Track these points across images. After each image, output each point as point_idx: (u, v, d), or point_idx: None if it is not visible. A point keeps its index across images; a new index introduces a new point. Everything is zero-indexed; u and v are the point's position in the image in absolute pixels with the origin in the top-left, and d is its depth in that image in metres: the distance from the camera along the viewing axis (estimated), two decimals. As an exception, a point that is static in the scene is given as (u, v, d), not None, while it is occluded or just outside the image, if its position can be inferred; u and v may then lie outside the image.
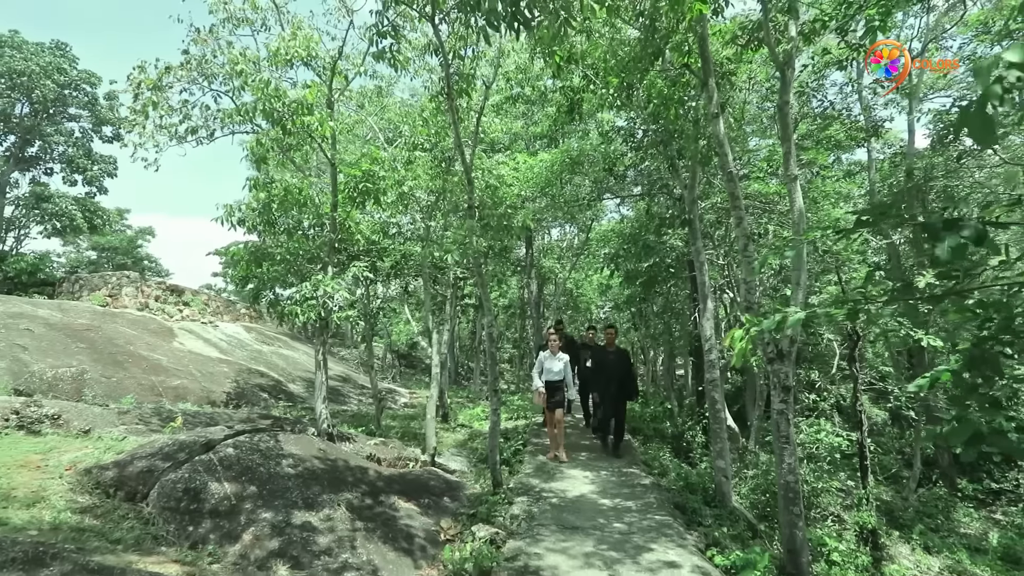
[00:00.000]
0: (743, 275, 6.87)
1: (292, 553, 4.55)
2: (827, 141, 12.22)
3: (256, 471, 5.43)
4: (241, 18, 7.61)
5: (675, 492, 7.36)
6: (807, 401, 10.56)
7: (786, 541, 5.29)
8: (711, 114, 5.91)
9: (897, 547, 9.20)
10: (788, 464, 5.37)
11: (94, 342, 10.93)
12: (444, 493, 6.93)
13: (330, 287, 6.84)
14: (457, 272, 10.35)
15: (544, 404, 8.32)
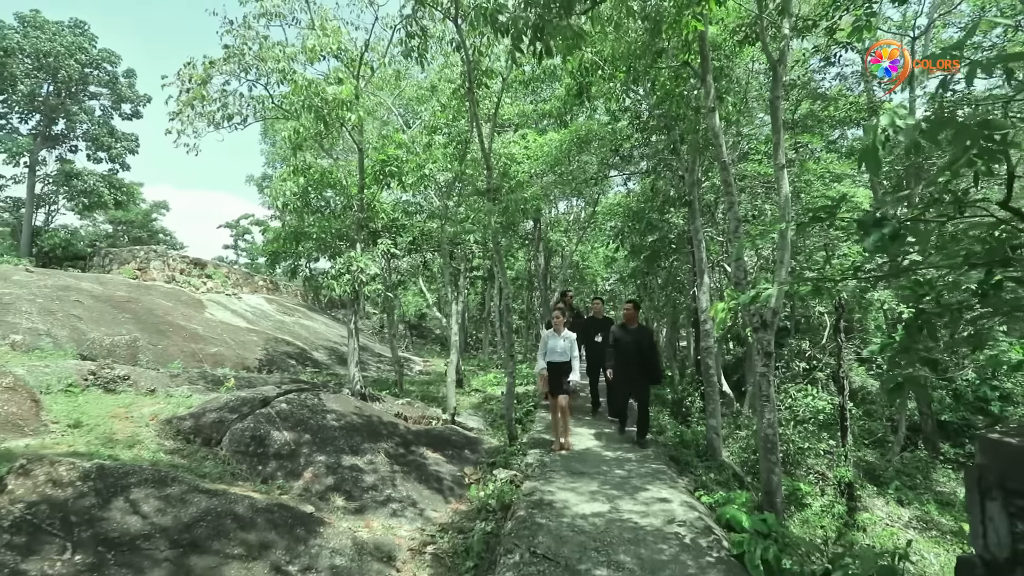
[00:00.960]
0: (733, 255, 7.57)
1: (345, 488, 5.45)
2: (829, 120, 12.73)
3: (307, 423, 6.31)
4: (274, 12, 8.21)
5: (671, 447, 8.23)
6: (798, 369, 11.36)
7: (764, 484, 6.15)
8: (707, 108, 6.54)
9: (873, 500, 10.11)
10: (768, 419, 6.18)
11: (137, 313, 11.81)
12: (465, 446, 7.84)
13: (362, 263, 7.62)
14: (473, 248, 11.07)
15: (546, 388, 7.35)
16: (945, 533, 9.65)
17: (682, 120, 8.68)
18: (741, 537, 4.53)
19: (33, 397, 5.81)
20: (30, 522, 3.23)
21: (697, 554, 4.22)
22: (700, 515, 5.11)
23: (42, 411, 5.70)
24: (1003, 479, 3.47)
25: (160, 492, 3.99)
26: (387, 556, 4.40)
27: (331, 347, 16.20)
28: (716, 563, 4.08)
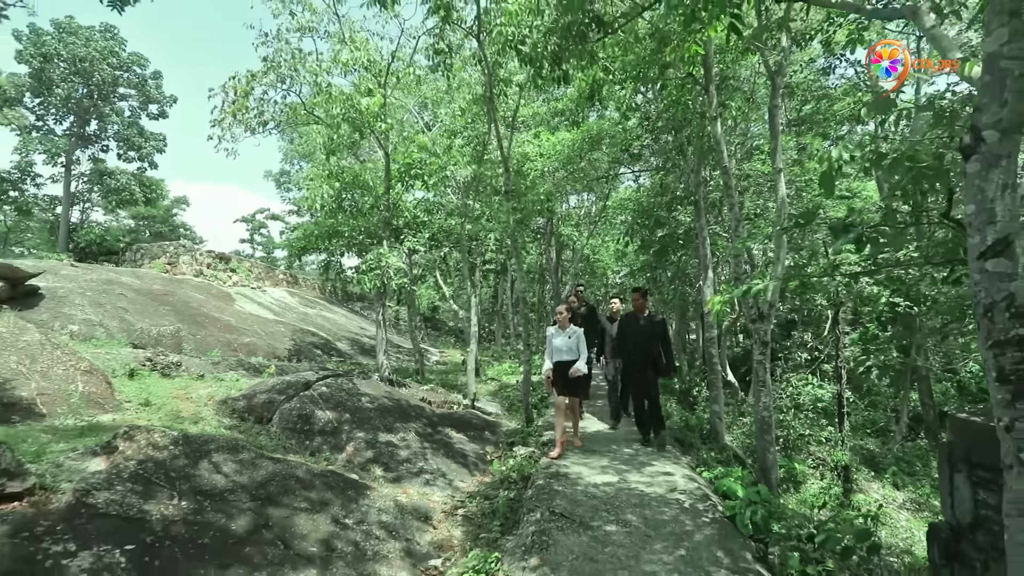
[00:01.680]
0: (732, 252, 8.13)
1: (383, 461, 6.13)
2: (834, 117, 13.18)
3: (346, 404, 7.01)
4: (307, 26, 8.85)
5: (676, 430, 8.84)
6: (800, 359, 11.90)
7: (760, 461, 6.76)
8: (710, 116, 7.10)
9: (869, 484, 10.67)
10: (764, 403, 6.78)
11: (175, 305, 12.60)
12: (485, 428, 8.51)
13: (390, 259, 8.28)
14: (491, 245, 11.71)
15: (550, 389, 6.78)
16: (937, 514, 10.21)
17: (688, 123, 9.23)
18: (734, 503, 5.16)
19: (107, 380, 6.56)
20: (142, 475, 3.93)
21: (694, 515, 4.85)
22: (699, 486, 5.74)
23: (115, 392, 6.44)
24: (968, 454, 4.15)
25: (235, 457, 4.69)
26: (424, 516, 5.08)
27: (352, 338, 16.94)
28: (711, 523, 4.71)
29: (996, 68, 2.29)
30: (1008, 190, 2.27)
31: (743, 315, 10.78)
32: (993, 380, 2.29)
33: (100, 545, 3.20)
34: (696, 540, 4.34)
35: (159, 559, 3.29)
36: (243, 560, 3.58)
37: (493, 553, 4.16)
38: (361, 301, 32.26)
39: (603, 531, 4.44)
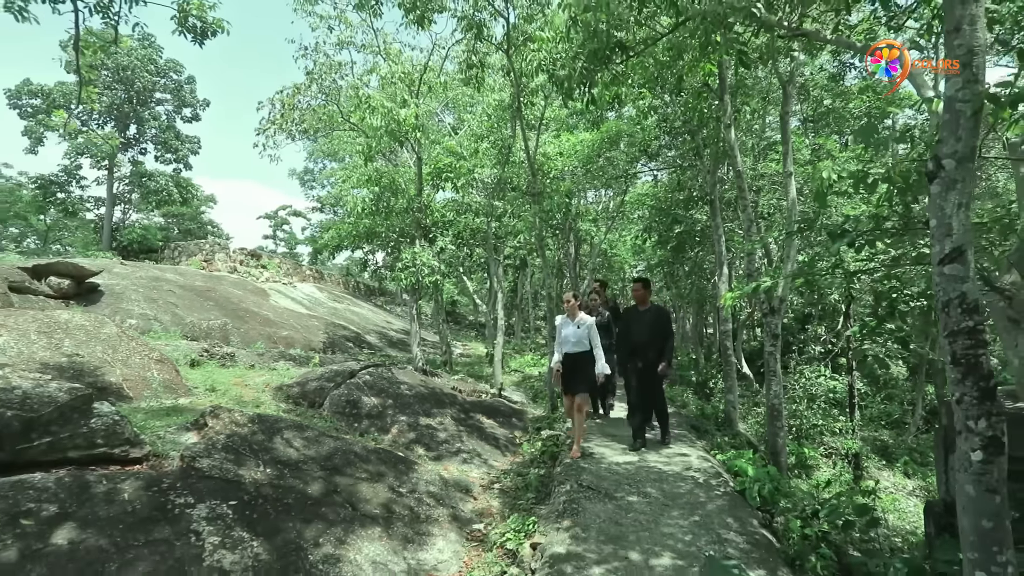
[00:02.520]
0: (745, 250, 8.60)
1: (424, 441, 6.78)
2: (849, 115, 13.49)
3: (387, 391, 7.67)
4: (345, 41, 9.49)
5: (692, 418, 9.37)
6: (814, 352, 12.31)
7: (770, 445, 7.28)
8: (725, 124, 7.58)
9: (880, 472, 11.08)
10: (774, 391, 7.28)
11: (218, 300, 13.42)
12: (512, 415, 9.13)
13: (424, 257, 8.91)
14: (515, 242, 12.29)
15: (558, 385, 6.42)
16: (946, 500, 10.60)
17: (705, 125, 9.68)
18: (744, 479, 5.70)
19: (175, 368, 7.30)
20: (231, 447, 4.61)
21: (708, 489, 5.41)
22: (713, 465, 6.29)
23: (182, 379, 7.18)
24: (963, 436, 4.64)
25: (301, 434, 5.37)
26: (465, 488, 5.72)
27: (380, 331, 17.69)
28: (722, 496, 5.26)
29: (953, 109, 2.80)
30: (962, 208, 2.79)
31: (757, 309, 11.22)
32: (948, 363, 2.82)
33: (211, 499, 3.87)
34: (709, 509, 4.90)
35: (255, 513, 3.96)
36: (320, 517, 4.23)
37: (530, 517, 4.77)
38: (382, 296, 33.12)
39: (626, 501, 5.02)
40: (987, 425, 2.64)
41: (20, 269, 9.84)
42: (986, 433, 2.63)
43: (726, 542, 4.27)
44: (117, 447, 4.11)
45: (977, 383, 2.68)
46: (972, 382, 2.70)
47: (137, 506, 3.59)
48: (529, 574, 4.02)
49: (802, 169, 11.14)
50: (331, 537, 4.06)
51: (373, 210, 9.06)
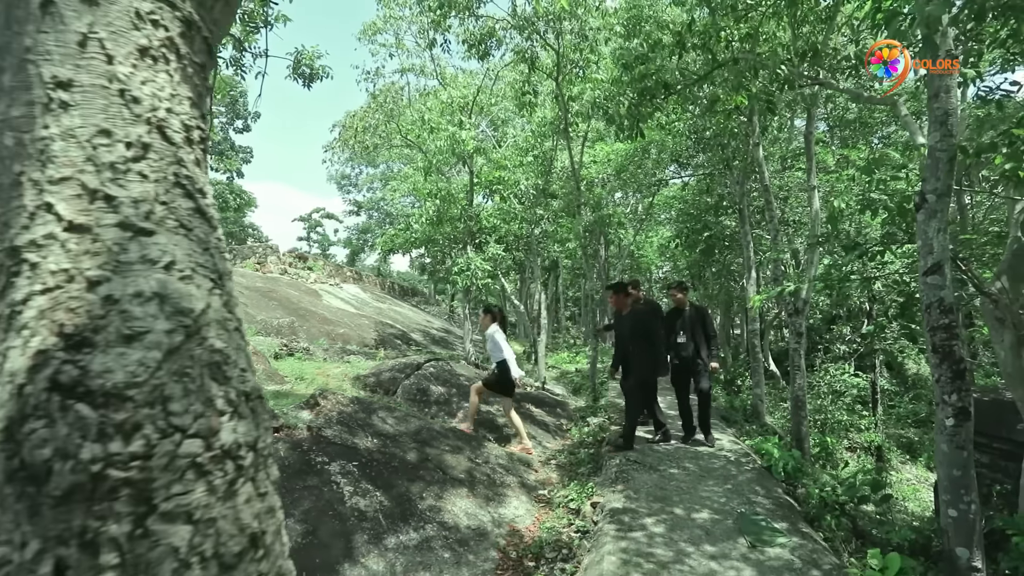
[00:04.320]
0: (771, 257, 9.36)
1: (485, 425, 7.75)
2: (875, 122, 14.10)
3: (449, 381, 8.68)
4: (405, 68, 10.55)
5: (722, 410, 10.16)
6: (839, 351, 12.93)
7: (794, 432, 8.05)
8: (753, 142, 8.38)
9: (903, 465, 11.67)
10: (798, 384, 8.05)
11: (279, 300, 14.66)
12: (556, 406, 10.05)
13: (477, 262, 9.90)
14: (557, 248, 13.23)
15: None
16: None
17: (735, 137, 10.46)
18: (771, 458, 6.52)
19: (266, 360, 8.42)
20: (343, 422, 5.64)
21: (738, 465, 6.26)
22: (742, 447, 7.12)
23: (275, 370, 8.29)
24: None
25: (392, 414, 6.39)
26: (526, 464, 6.66)
27: (423, 330, 18.79)
28: (751, 470, 6.11)
29: (934, 155, 3.63)
30: (941, 232, 3.62)
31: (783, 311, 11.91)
32: (930, 351, 3.65)
33: (339, 460, 4.90)
34: (739, 480, 5.76)
35: (373, 472, 4.97)
36: (420, 478, 5.23)
37: (588, 484, 5.70)
38: (415, 296, 34.36)
39: (668, 472, 5.91)
40: (958, 398, 3.48)
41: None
42: (957, 404, 3.47)
43: (754, 503, 5.13)
44: (261, 418, 5.17)
45: (951, 366, 3.52)
46: (947, 366, 3.54)
47: (291, 461, 4.63)
48: (592, 524, 4.95)
49: (826, 177, 11.80)
50: (431, 493, 5.05)
51: (435, 220, 10.10)
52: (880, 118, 14.11)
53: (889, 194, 4.99)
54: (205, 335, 0.85)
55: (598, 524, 4.85)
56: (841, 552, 4.61)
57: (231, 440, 0.84)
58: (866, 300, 10.88)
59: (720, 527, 4.58)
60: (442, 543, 4.46)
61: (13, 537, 0.67)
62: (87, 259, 0.83)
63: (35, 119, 0.89)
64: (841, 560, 4.30)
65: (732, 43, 5.67)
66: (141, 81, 0.97)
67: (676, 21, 7.97)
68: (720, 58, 5.64)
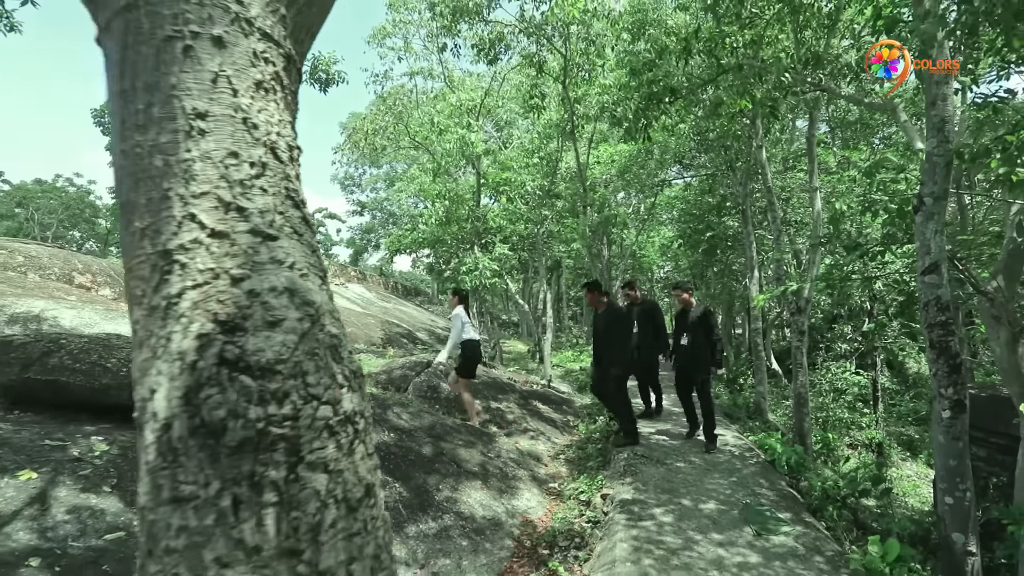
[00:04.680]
0: (774, 257, 9.53)
1: (495, 420, 7.94)
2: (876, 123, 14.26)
3: (459, 379, 8.84)
4: (414, 71, 10.72)
5: (726, 408, 10.33)
6: (840, 350, 13.11)
7: (796, 428, 8.23)
8: (756, 145, 8.55)
9: (903, 462, 11.84)
10: (800, 381, 8.23)
11: (288, 299, 14.83)
12: (562, 403, 10.23)
13: (485, 262, 10.08)
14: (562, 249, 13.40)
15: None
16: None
17: (738, 139, 10.63)
18: (774, 452, 6.70)
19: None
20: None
21: (742, 460, 6.43)
22: (746, 442, 7.30)
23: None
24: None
25: (406, 410, 6.57)
26: (536, 457, 6.85)
27: (428, 329, 18.98)
28: (755, 464, 6.28)
29: (932, 160, 3.81)
30: (938, 234, 3.79)
31: (785, 310, 12.09)
32: (928, 346, 3.83)
33: (359, 452, 5.07)
34: (744, 473, 5.94)
35: (391, 464, 5.15)
36: (436, 471, 5.41)
37: (597, 477, 5.88)
38: (418, 296, 34.55)
39: (675, 466, 6.09)
40: (954, 391, 3.65)
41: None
42: (953, 397, 3.65)
43: (759, 495, 5.31)
44: (283, 413, 5.35)
45: (948, 361, 3.70)
46: (944, 361, 3.72)
47: (313, 453, 4.82)
48: (602, 515, 5.13)
49: (827, 178, 11.96)
50: (447, 485, 5.24)
51: (444, 220, 10.29)
52: (881, 119, 14.28)
53: (889, 195, 5.18)
54: (323, 322, 1.04)
55: (609, 514, 5.03)
56: (843, 541, 4.79)
57: (350, 408, 1.02)
58: (867, 299, 11.06)
59: (726, 517, 4.76)
60: (459, 532, 4.64)
61: (198, 478, 0.86)
62: (228, 260, 1.01)
63: (179, 144, 1.07)
64: (843, 548, 4.48)
65: (737, 49, 5.85)
66: (258, 110, 1.15)
67: (681, 26, 8.16)
68: (725, 64, 5.81)
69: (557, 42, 8.14)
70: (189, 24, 1.11)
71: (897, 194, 4.47)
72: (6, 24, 4.97)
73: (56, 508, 3.19)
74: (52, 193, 28.52)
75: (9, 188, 29.38)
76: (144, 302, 1.04)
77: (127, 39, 1.11)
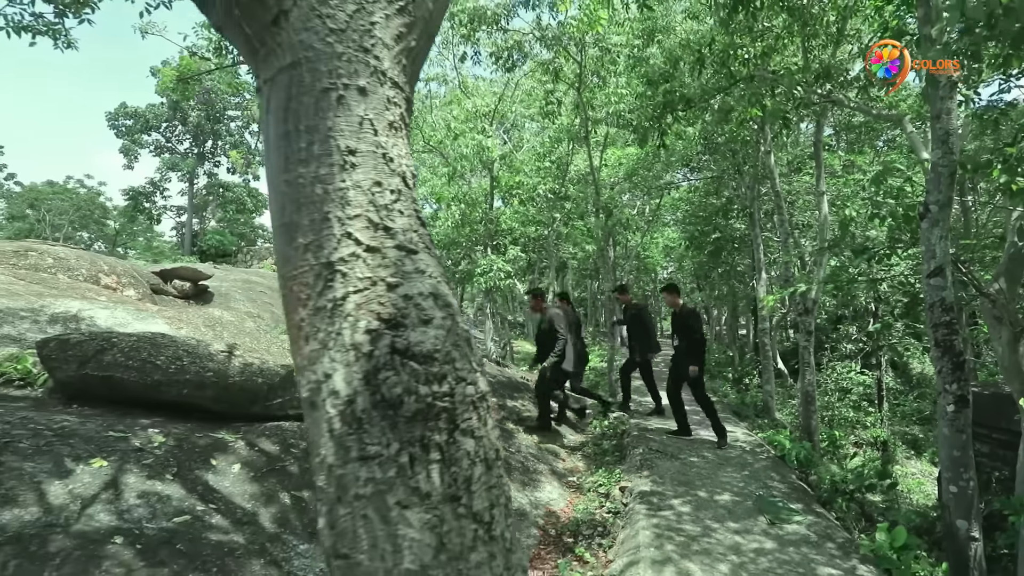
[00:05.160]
0: (782, 260, 9.78)
1: (512, 418, 8.19)
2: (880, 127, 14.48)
3: (475, 377, 9.11)
4: (430, 77, 10.98)
5: (734, 406, 10.57)
6: (846, 350, 13.35)
7: (803, 425, 8.47)
8: (765, 150, 8.79)
9: (908, 460, 12.08)
10: (808, 380, 8.47)
11: (301, 300, 15.10)
12: (576, 401, 10.47)
13: (499, 264, 10.34)
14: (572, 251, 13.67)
15: None
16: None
17: (746, 145, 10.88)
18: (784, 448, 6.94)
19: (303, 356, 8.86)
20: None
21: (753, 455, 6.68)
22: (756, 439, 7.54)
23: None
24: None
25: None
26: (554, 453, 7.10)
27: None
28: (766, 459, 6.53)
29: (936, 170, 4.05)
30: (943, 239, 4.04)
31: (791, 310, 12.34)
32: (933, 345, 4.07)
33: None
34: (756, 467, 6.18)
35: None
36: (461, 464, 5.67)
37: (615, 471, 6.13)
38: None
39: (689, 460, 6.34)
40: (957, 387, 3.90)
41: (153, 273, 11.61)
42: (956, 392, 3.89)
43: (771, 488, 5.56)
44: (316, 408, 5.61)
45: (952, 359, 3.94)
46: (948, 358, 3.96)
47: (349, 446, 5.07)
48: (622, 506, 5.38)
49: (833, 181, 12.20)
50: (473, 477, 5.50)
51: (459, 223, 10.55)
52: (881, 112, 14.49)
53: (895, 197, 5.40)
54: (458, 320, 1.29)
55: (628, 505, 5.28)
56: (852, 530, 5.03)
57: (484, 389, 1.28)
58: (872, 300, 11.30)
59: (741, 507, 5.01)
60: (488, 521, 4.90)
61: (381, 441, 1.11)
62: (382, 270, 1.27)
63: (335, 175, 1.33)
64: (852, 535, 4.72)
65: (748, 60, 6.10)
66: (392, 145, 1.41)
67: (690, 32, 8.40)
68: (737, 75, 6.07)
69: (573, 50, 8.39)
70: (341, 78, 1.37)
71: (902, 194, 4.71)
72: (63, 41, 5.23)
73: (127, 493, 3.44)
74: (63, 195, 28.95)
75: (21, 189, 29.83)
76: (309, 304, 1.30)
77: (291, 90, 1.37)
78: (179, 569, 3.02)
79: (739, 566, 3.88)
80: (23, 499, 3.07)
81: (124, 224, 32.70)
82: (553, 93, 8.56)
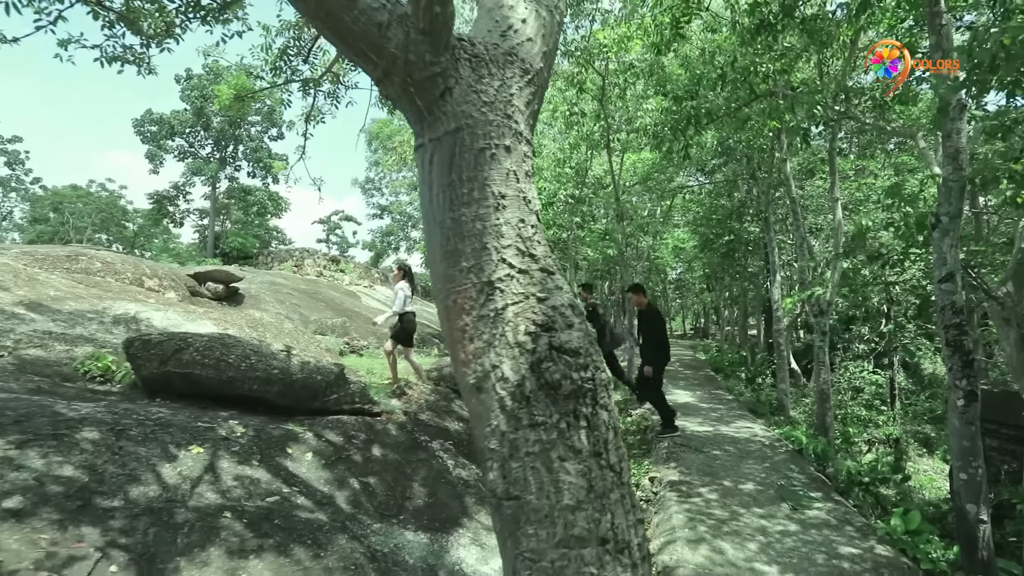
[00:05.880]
0: (799, 262, 10.13)
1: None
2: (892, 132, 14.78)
3: (502, 376, 9.54)
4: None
5: (749, 404, 10.94)
6: (858, 350, 13.67)
7: (818, 422, 8.83)
8: (780, 159, 9.16)
9: (920, 458, 12.39)
10: (823, 379, 8.83)
11: (326, 301, 15.59)
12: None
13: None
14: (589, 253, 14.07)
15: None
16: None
17: (761, 152, 11.24)
18: (801, 442, 7.32)
19: (337, 355, 9.30)
20: (430, 407, 6.50)
21: (772, 448, 7.06)
22: (774, 434, 7.93)
23: (346, 364, 9.16)
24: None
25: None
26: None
27: (453, 330, 19.65)
28: (784, 453, 6.91)
29: (947, 185, 4.43)
30: (953, 247, 4.41)
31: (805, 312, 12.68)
32: (944, 344, 4.45)
33: (438, 439, 5.76)
34: (776, 460, 6.57)
35: (464, 449, 5.83)
36: (501, 455, 6.09)
37: (643, 463, 6.53)
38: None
39: (712, 453, 6.73)
40: (967, 383, 4.28)
41: (189, 276, 12.12)
42: (966, 388, 4.27)
43: (791, 478, 5.95)
44: (366, 404, 6.04)
45: (961, 357, 4.32)
46: (958, 357, 4.34)
47: (402, 439, 5.51)
48: (652, 494, 5.79)
49: (845, 185, 12.53)
50: (513, 467, 5.92)
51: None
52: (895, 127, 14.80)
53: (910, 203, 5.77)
54: (583, 323, 1.72)
55: (659, 493, 5.68)
56: (868, 516, 5.41)
57: (608, 376, 1.70)
58: (884, 302, 11.62)
59: (764, 495, 5.40)
60: (531, 506, 5.31)
61: (545, 412, 1.53)
62: (532, 287, 1.69)
63: (491, 214, 1.75)
64: (869, 520, 5.11)
65: (768, 77, 6.49)
66: (529, 190, 1.83)
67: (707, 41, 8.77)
68: (758, 90, 6.46)
69: (598, 64, 8.79)
70: (493, 139, 1.80)
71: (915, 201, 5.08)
72: (146, 68, 5.69)
73: (224, 476, 3.88)
74: (86, 198, 29.66)
75: (44, 193, 30.57)
76: (473, 312, 1.72)
77: (455, 149, 1.80)
78: (281, 540, 3.46)
79: (767, 545, 4.28)
80: (144, 478, 3.51)
81: (142, 226, 33.42)
82: (577, 104, 8.97)
